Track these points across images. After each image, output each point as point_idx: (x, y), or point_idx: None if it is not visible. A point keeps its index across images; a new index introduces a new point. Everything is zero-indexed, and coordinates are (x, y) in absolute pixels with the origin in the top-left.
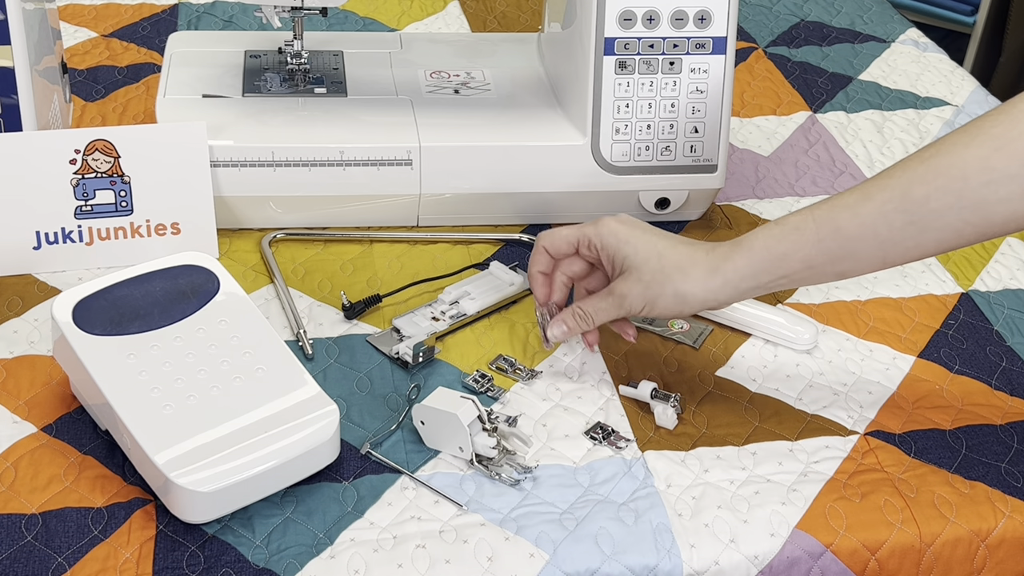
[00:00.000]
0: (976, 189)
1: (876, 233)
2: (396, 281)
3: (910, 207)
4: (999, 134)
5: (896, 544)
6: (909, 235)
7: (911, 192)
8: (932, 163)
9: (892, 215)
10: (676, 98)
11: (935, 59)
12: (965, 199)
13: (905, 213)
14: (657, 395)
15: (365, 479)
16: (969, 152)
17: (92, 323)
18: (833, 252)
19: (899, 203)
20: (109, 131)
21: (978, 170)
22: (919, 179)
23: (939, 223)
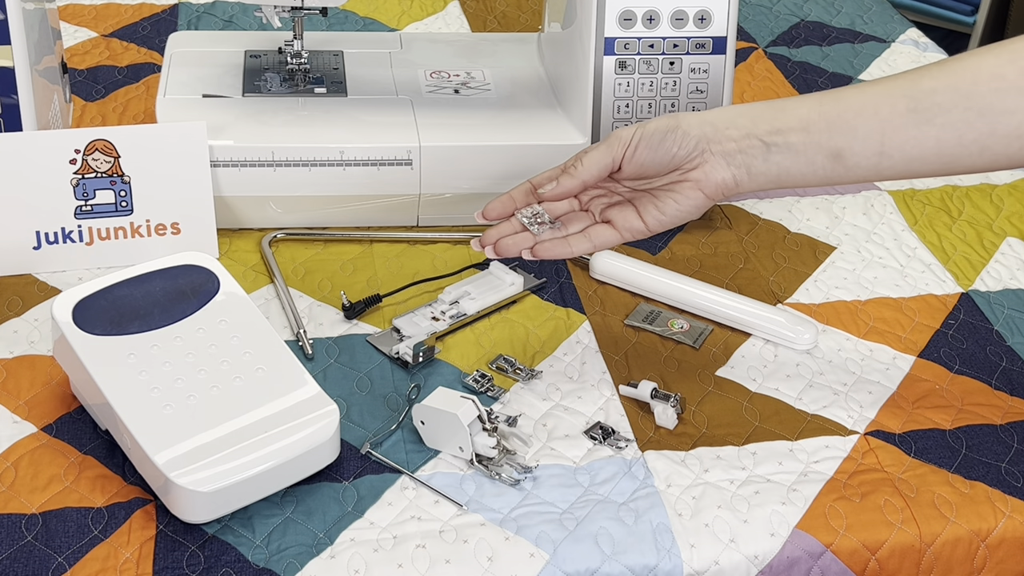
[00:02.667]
0: (984, 94)
1: (877, 110)
2: (396, 281)
3: (916, 94)
4: (1016, 49)
5: (896, 544)
6: (910, 122)
7: (920, 83)
8: (946, 64)
9: (897, 98)
10: (676, 98)
11: (935, 59)
12: (972, 100)
13: (910, 99)
14: (657, 395)
15: (365, 479)
16: (984, 59)
17: (92, 323)
18: (831, 118)
19: (906, 89)
20: (109, 131)
21: (989, 76)
22: (930, 74)
23: (942, 118)
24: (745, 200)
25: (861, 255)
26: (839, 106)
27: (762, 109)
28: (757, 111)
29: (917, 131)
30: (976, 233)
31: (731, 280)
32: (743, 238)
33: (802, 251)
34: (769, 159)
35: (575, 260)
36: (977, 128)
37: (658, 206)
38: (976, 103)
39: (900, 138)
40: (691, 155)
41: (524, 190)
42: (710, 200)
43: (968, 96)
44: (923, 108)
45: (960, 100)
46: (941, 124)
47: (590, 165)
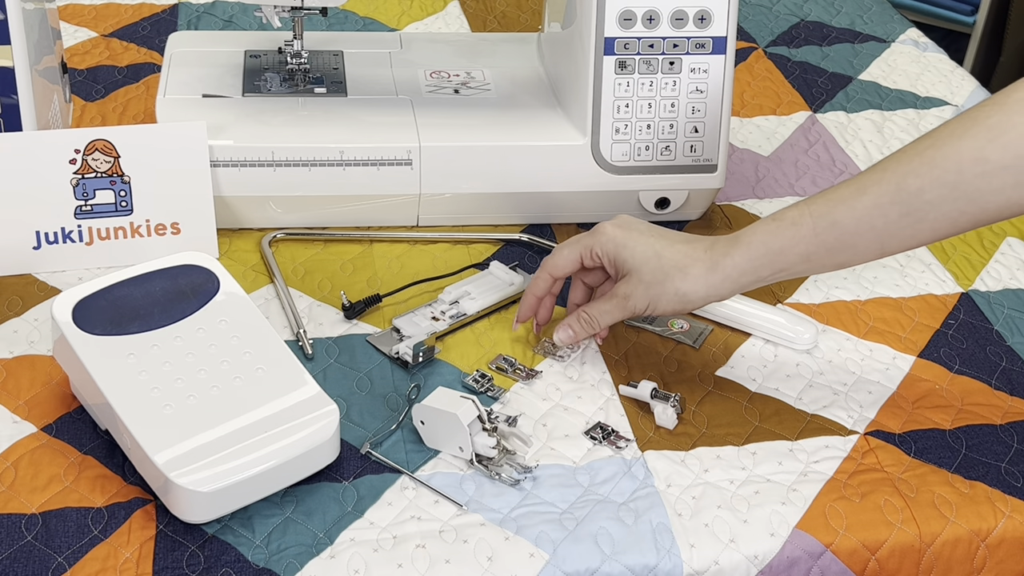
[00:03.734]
0: (970, 181)
1: (872, 226)
2: (396, 281)
3: (906, 199)
4: (993, 125)
5: (896, 544)
6: (905, 226)
7: (906, 184)
8: (927, 155)
9: (888, 208)
10: (676, 98)
11: (935, 59)
12: (960, 190)
13: (901, 205)
14: (657, 395)
15: (365, 479)
16: (963, 144)
17: (92, 323)
18: (831, 245)
19: (894, 195)
20: (109, 131)
21: (972, 161)
22: (913, 172)
23: (935, 214)
24: (745, 200)
25: None
26: (835, 232)
27: (760, 259)
28: (756, 263)
29: (913, 231)
30: (976, 233)
31: None
32: None
33: None
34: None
35: None
36: (969, 213)
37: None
38: (964, 191)
39: (897, 240)
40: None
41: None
42: None
43: (955, 187)
44: (915, 210)
45: (948, 193)
46: (934, 219)
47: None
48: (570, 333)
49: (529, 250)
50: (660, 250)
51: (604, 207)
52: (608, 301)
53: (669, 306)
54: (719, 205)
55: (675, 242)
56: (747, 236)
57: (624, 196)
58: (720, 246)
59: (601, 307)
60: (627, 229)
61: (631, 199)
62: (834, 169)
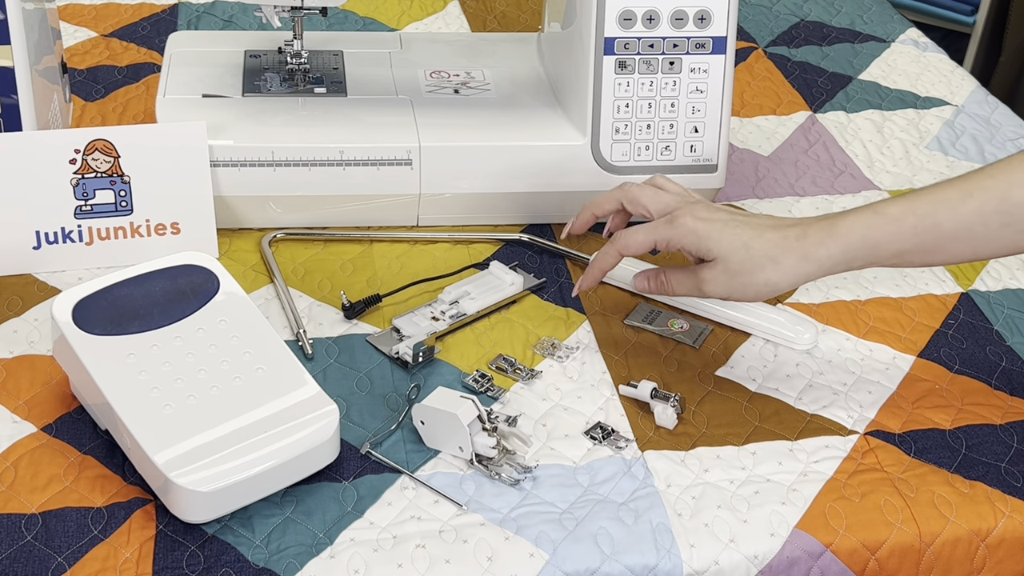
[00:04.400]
0: None
1: (971, 232)
2: (396, 281)
3: (1010, 209)
4: None
5: (896, 544)
6: (1004, 235)
7: (1011, 195)
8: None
9: (990, 216)
10: (676, 98)
11: (935, 59)
12: None
13: (1004, 215)
14: (657, 395)
15: (365, 479)
16: None
17: (92, 323)
18: (927, 245)
19: (998, 204)
20: (109, 131)
21: None
22: (1019, 183)
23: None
24: (745, 200)
25: None
26: (934, 233)
27: (856, 251)
28: (851, 255)
29: (1009, 240)
30: None
31: None
32: None
33: None
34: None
35: (575, 260)
36: None
37: None
38: None
39: (992, 248)
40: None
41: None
42: None
43: None
44: (1016, 221)
45: None
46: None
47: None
48: (644, 284)
49: (529, 250)
50: (748, 240)
51: None
52: (689, 276)
53: (755, 295)
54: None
55: (763, 230)
56: (845, 226)
57: None
58: (813, 234)
59: (680, 279)
60: (708, 220)
61: None
62: (834, 169)
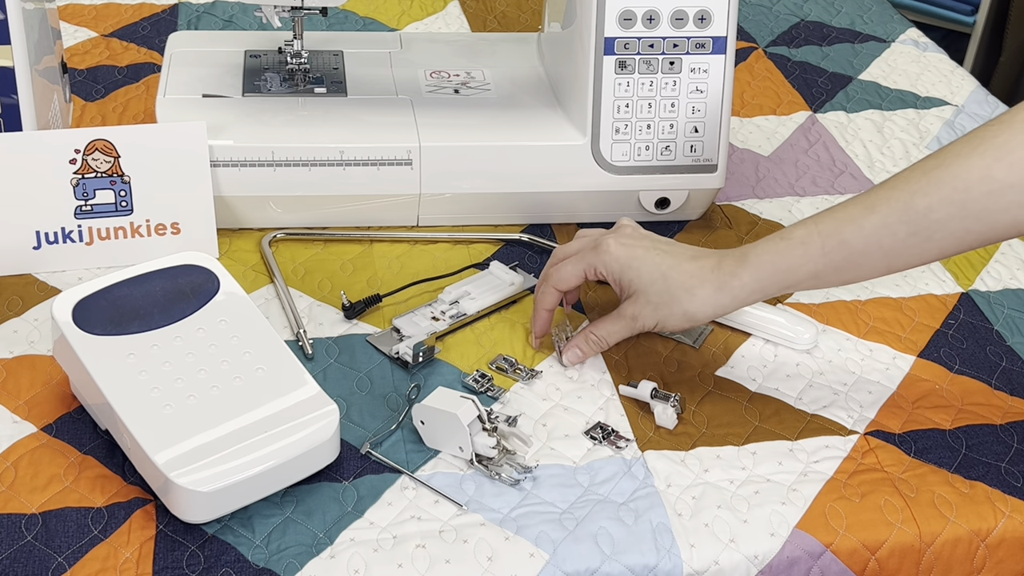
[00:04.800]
0: (978, 199)
1: (880, 245)
2: (396, 281)
3: (913, 218)
4: (1000, 144)
5: (896, 544)
6: (913, 244)
7: (914, 203)
8: (934, 175)
9: (896, 227)
10: (676, 98)
11: (935, 59)
12: (967, 209)
13: (909, 224)
14: (657, 395)
15: (365, 479)
16: (971, 163)
17: (92, 323)
18: (838, 264)
19: (902, 214)
20: (109, 131)
21: (980, 180)
22: (921, 191)
23: (942, 232)
24: (745, 200)
25: None
26: (844, 252)
27: (768, 279)
28: (764, 283)
29: (919, 250)
30: None
31: None
32: (743, 238)
33: None
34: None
35: None
36: (976, 231)
37: None
38: (971, 210)
39: (904, 258)
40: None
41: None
42: None
43: (963, 206)
44: (922, 229)
45: (956, 211)
46: (941, 237)
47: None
48: (578, 353)
49: (529, 250)
50: (666, 271)
51: (604, 207)
52: (616, 322)
53: (677, 325)
54: (719, 205)
55: (681, 260)
56: (755, 255)
57: (624, 196)
58: (727, 265)
59: (609, 327)
60: (631, 247)
61: (631, 199)
62: (834, 169)
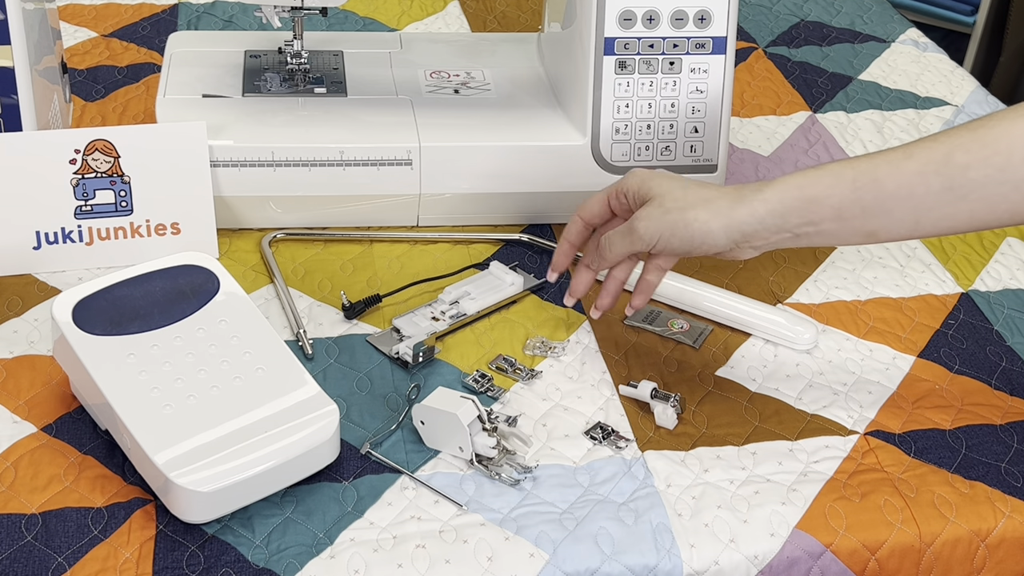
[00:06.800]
0: (1018, 167)
1: (912, 192)
2: (396, 281)
3: (951, 172)
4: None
5: (896, 544)
6: (945, 201)
7: (953, 157)
8: (979, 133)
9: (931, 177)
10: (676, 98)
11: (935, 59)
12: (1006, 174)
13: (945, 177)
14: (657, 395)
15: (365, 479)
16: (1016, 128)
17: (92, 323)
18: (867, 204)
19: (940, 166)
20: (109, 131)
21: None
22: (963, 147)
23: (976, 194)
24: None
25: (861, 255)
26: (874, 190)
27: (793, 201)
28: (787, 204)
29: (952, 208)
30: (976, 233)
31: (731, 280)
32: None
33: (802, 251)
34: (799, 241)
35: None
36: (1011, 199)
37: None
38: (1011, 176)
39: (935, 215)
40: (721, 253)
41: (577, 230)
42: None
43: (1003, 170)
44: (958, 186)
45: (995, 175)
46: (975, 199)
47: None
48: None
49: (529, 250)
50: (687, 184)
51: None
52: (625, 226)
53: (683, 240)
54: None
55: (705, 183)
56: (783, 179)
57: None
58: (752, 185)
59: (615, 231)
60: (654, 171)
61: None
62: None
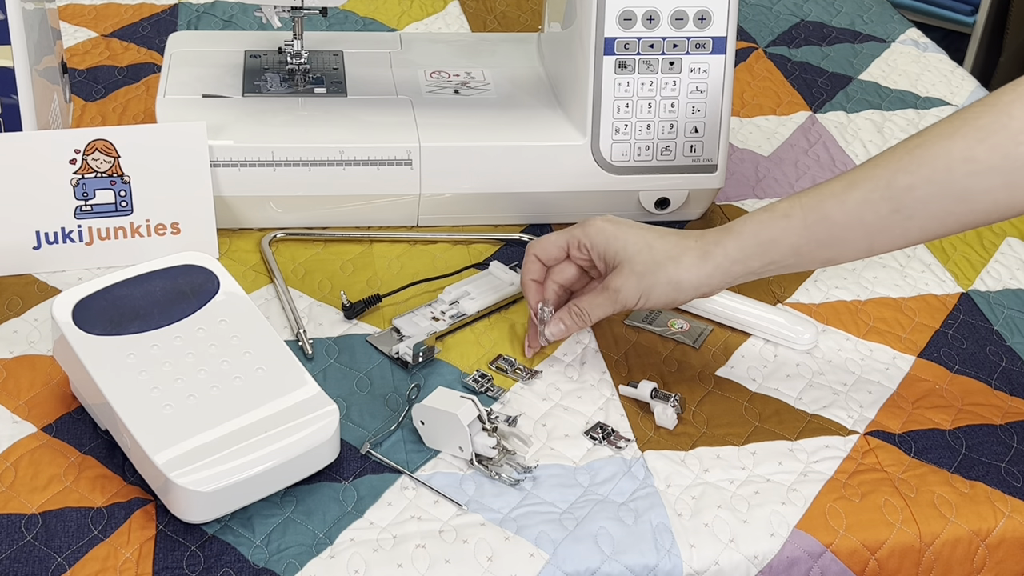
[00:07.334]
0: (959, 180)
1: (862, 221)
2: (396, 281)
3: (896, 195)
4: (983, 126)
5: (896, 544)
6: (895, 223)
7: (896, 181)
8: (917, 153)
9: (878, 203)
10: (676, 98)
11: (935, 59)
12: (949, 189)
13: (891, 201)
14: (657, 395)
15: (365, 479)
16: (953, 143)
17: (92, 323)
18: (820, 239)
19: (884, 191)
20: (109, 131)
21: (961, 161)
22: (904, 169)
23: (924, 212)
24: (745, 200)
25: None
26: (825, 225)
27: (751, 249)
28: (747, 252)
29: (902, 228)
30: (976, 233)
31: None
32: None
33: None
34: (765, 275)
35: None
36: (957, 213)
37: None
38: (953, 191)
39: (886, 238)
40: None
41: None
42: None
43: (945, 185)
44: (904, 207)
45: (938, 191)
46: (923, 217)
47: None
48: (561, 327)
49: None
50: (651, 241)
51: (604, 207)
52: (599, 295)
53: (662, 297)
54: (719, 205)
55: (665, 234)
56: (738, 226)
57: (624, 196)
58: (711, 236)
59: (592, 300)
60: (616, 223)
61: (631, 199)
62: (834, 169)
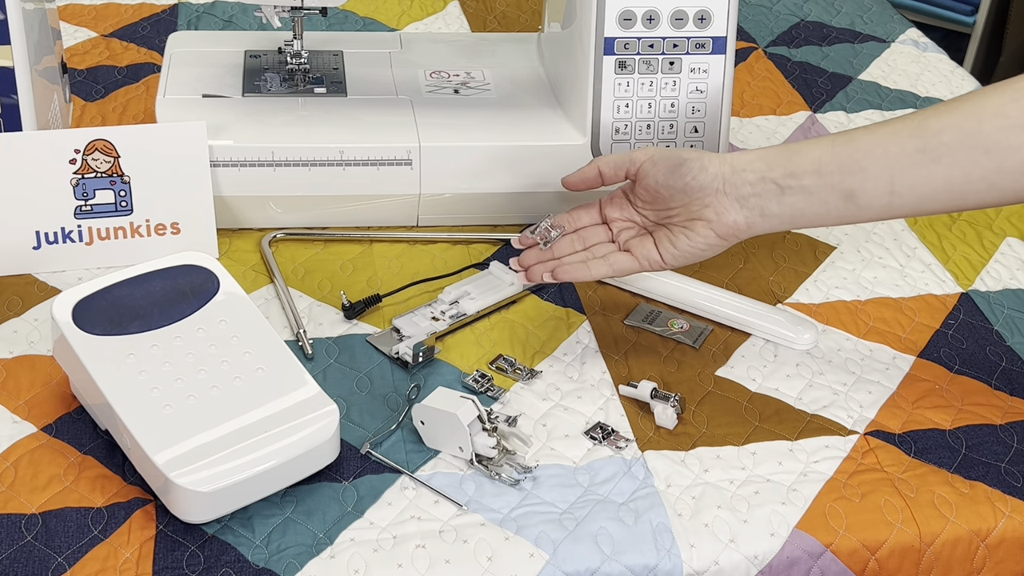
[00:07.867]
0: (989, 133)
1: (886, 151)
2: (396, 281)
3: (923, 134)
4: (1020, 87)
5: (896, 544)
6: (919, 162)
7: (927, 122)
8: (952, 103)
9: (905, 139)
10: (676, 98)
11: (935, 59)
12: (977, 139)
13: (918, 139)
14: (657, 395)
15: (365, 479)
16: (988, 98)
17: (92, 323)
18: (843, 160)
19: (914, 129)
20: (109, 131)
21: (993, 114)
22: (936, 114)
23: (949, 157)
24: None
25: (861, 255)
26: (850, 147)
27: (776, 153)
28: (772, 155)
29: (925, 170)
30: (976, 233)
31: (731, 280)
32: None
33: (802, 251)
34: (783, 201)
35: None
36: (983, 165)
37: (673, 241)
38: (981, 141)
39: (909, 177)
40: (705, 189)
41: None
42: (723, 241)
43: (973, 135)
44: (930, 148)
45: (966, 139)
46: (948, 163)
47: (608, 159)
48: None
49: None
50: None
51: None
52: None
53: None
54: None
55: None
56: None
57: None
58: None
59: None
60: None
61: None
62: None
